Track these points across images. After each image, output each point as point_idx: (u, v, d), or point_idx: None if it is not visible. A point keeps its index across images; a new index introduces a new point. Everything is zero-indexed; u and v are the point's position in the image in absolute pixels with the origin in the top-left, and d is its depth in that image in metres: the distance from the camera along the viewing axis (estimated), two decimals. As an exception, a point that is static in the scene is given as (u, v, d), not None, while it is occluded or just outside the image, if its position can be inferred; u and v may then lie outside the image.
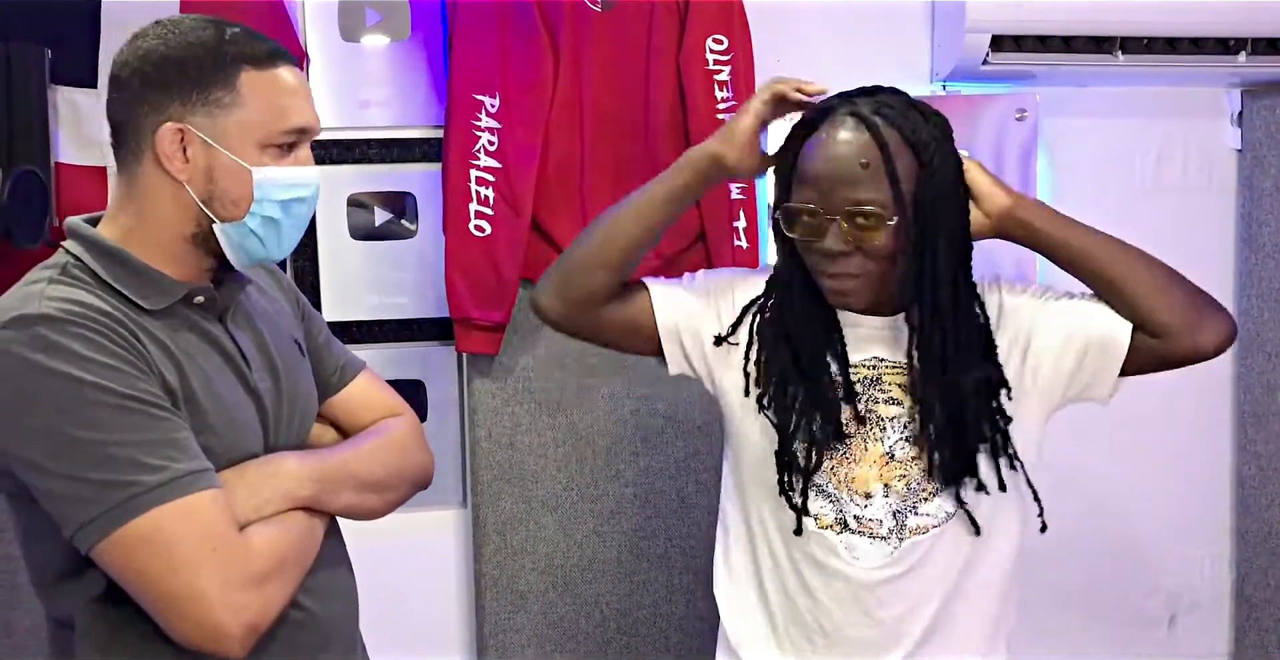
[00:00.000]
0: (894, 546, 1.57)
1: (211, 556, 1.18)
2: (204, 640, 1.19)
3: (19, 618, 2.23)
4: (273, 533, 1.26)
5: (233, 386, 1.32)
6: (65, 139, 2.18)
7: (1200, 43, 2.36)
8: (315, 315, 1.56)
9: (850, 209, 1.46)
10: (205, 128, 1.26)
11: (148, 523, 1.16)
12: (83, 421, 1.16)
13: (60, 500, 1.18)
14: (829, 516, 1.59)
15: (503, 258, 2.22)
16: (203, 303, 1.32)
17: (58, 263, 1.27)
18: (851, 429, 1.57)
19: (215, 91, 1.26)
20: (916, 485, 1.57)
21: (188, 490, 1.18)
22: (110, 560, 1.18)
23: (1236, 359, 2.57)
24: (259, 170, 1.28)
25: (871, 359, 1.59)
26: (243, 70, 1.27)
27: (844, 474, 1.58)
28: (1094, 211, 2.48)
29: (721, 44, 2.28)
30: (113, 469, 1.16)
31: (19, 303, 1.21)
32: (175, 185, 1.27)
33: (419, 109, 2.32)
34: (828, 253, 1.48)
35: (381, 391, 1.58)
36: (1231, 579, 2.62)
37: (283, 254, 1.36)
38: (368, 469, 1.42)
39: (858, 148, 1.47)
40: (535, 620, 2.33)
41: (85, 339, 1.18)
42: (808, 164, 1.49)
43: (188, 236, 1.30)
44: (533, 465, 2.32)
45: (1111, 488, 2.49)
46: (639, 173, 2.28)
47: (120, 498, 1.16)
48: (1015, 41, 2.33)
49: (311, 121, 1.32)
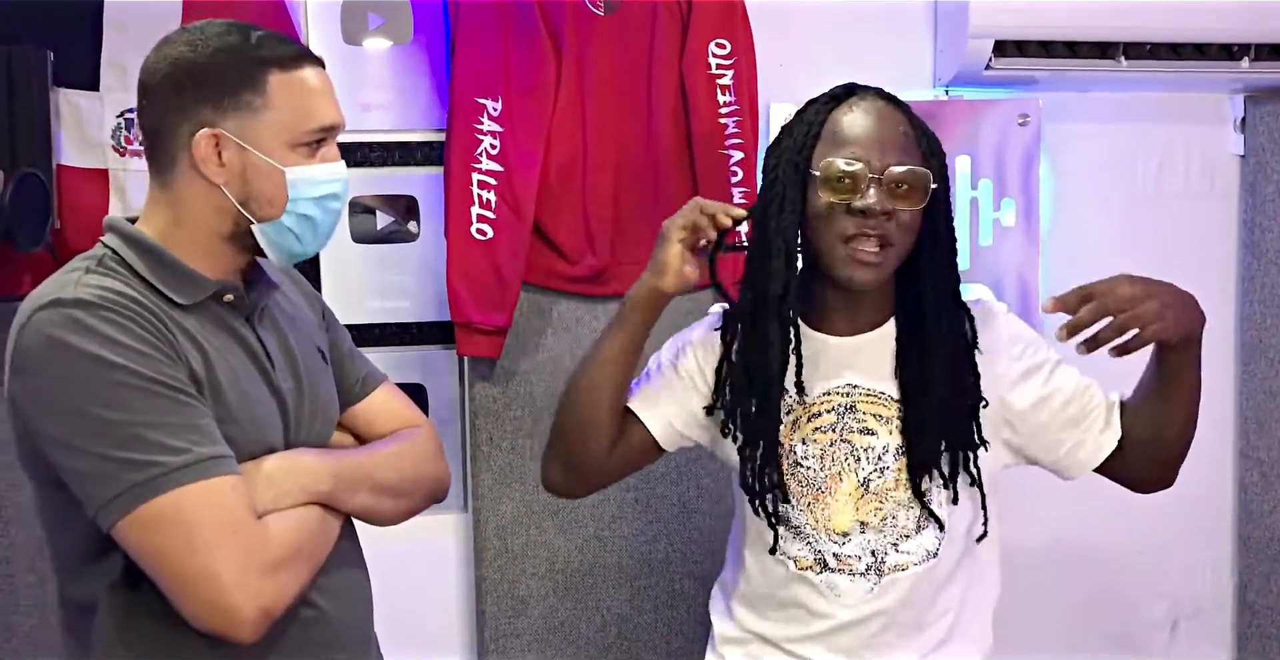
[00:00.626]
0: (873, 583, 1.56)
1: (229, 540, 1.20)
2: (217, 622, 1.20)
3: (19, 622, 2.23)
4: (290, 523, 1.28)
5: (256, 383, 1.35)
6: (67, 141, 2.18)
7: (1203, 48, 2.36)
8: (340, 326, 1.59)
9: (895, 169, 1.46)
10: (238, 131, 1.30)
11: (169, 503, 1.19)
12: (110, 402, 1.19)
13: (85, 478, 1.20)
14: (807, 558, 1.58)
15: (504, 261, 2.21)
16: (232, 301, 1.35)
17: (95, 255, 1.31)
18: (815, 466, 1.56)
19: (245, 95, 1.29)
20: (894, 520, 1.56)
21: (209, 474, 1.21)
22: (130, 539, 1.20)
23: (1239, 364, 2.57)
24: (291, 170, 1.32)
25: (845, 386, 1.57)
26: (271, 73, 1.30)
27: (820, 512, 1.56)
28: (1097, 217, 2.52)
29: (724, 48, 2.28)
30: (137, 449, 1.19)
31: (56, 288, 1.25)
32: (211, 188, 1.31)
33: (421, 112, 2.31)
34: (868, 210, 1.45)
35: (402, 403, 1.60)
36: (1234, 585, 2.61)
37: (320, 248, 1.40)
38: (384, 473, 1.44)
39: (896, 118, 1.49)
40: (536, 624, 2.33)
41: (116, 324, 1.22)
42: (845, 127, 1.49)
43: (225, 235, 1.34)
44: (534, 469, 2.30)
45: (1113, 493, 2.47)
46: (640, 176, 2.29)
47: (143, 477, 1.19)
48: (1018, 46, 2.33)
49: (337, 119, 1.36)
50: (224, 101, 1.29)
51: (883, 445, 1.56)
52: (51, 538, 1.34)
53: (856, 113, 1.49)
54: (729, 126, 2.28)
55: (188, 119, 1.29)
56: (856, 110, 1.49)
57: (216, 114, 1.29)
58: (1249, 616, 2.59)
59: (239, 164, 1.30)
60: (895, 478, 1.56)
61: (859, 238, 1.47)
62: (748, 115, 2.28)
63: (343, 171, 1.37)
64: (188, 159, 1.30)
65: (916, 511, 1.56)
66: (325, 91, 1.35)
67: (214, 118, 1.29)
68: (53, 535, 1.33)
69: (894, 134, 1.48)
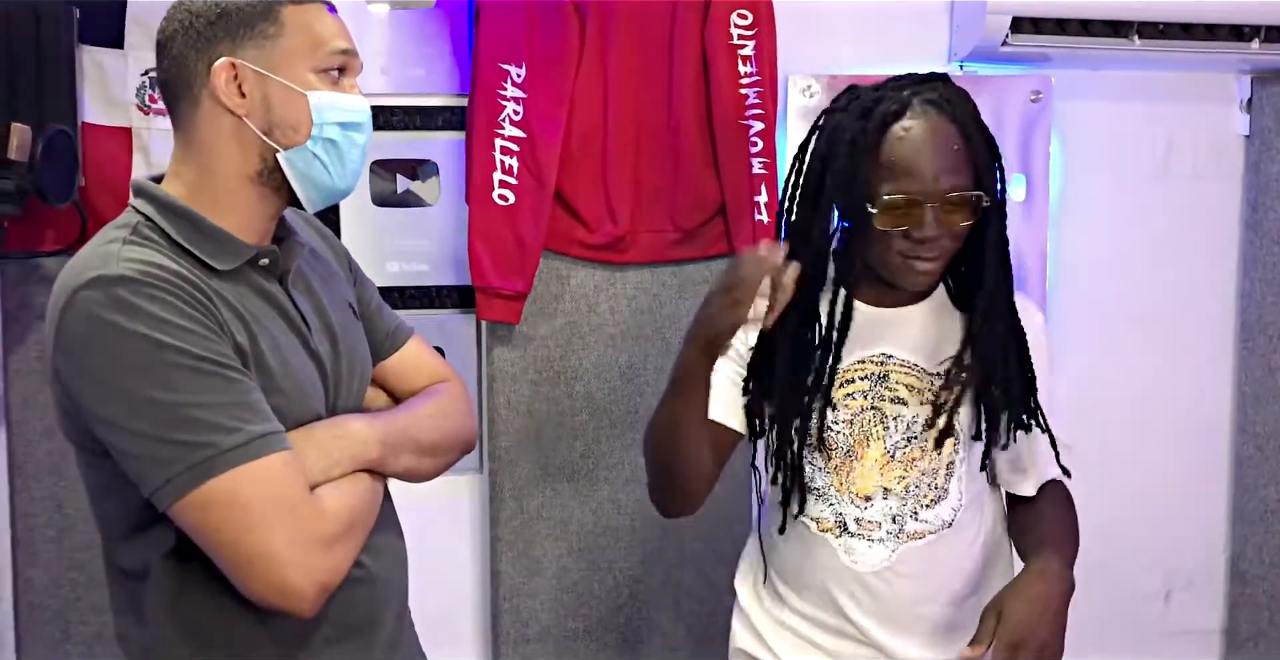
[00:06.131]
0: (891, 549, 1.61)
1: (285, 518, 1.21)
2: (277, 598, 1.21)
3: (37, 575, 2.25)
4: (342, 495, 1.29)
5: (295, 349, 1.34)
6: (91, 99, 2.18)
7: (1214, 29, 2.40)
8: (367, 280, 1.59)
9: (949, 196, 1.48)
10: (256, 59, 1.29)
11: (224, 483, 1.19)
12: (161, 383, 1.18)
13: (139, 459, 1.20)
14: (829, 520, 1.62)
15: (526, 227, 2.24)
16: (267, 265, 1.34)
17: (129, 223, 1.29)
18: (845, 431, 1.60)
19: (260, 25, 1.29)
20: (915, 489, 1.61)
21: (262, 452, 1.21)
22: (187, 519, 1.21)
23: (1239, 340, 2.62)
24: (314, 94, 1.31)
25: (879, 355, 1.61)
26: (284, 5, 1.31)
27: (845, 475, 1.61)
28: (1105, 193, 2.56)
29: (746, 18, 2.30)
30: (191, 430, 1.18)
31: (99, 263, 1.23)
32: (235, 122, 1.30)
33: (442, 77, 2.32)
34: (923, 239, 1.49)
35: (431, 356, 1.60)
36: (1226, 557, 2.68)
37: (347, 184, 1.37)
38: (426, 433, 1.44)
39: (946, 136, 1.50)
40: (549, 584, 2.37)
41: (162, 301, 1.20)
42: (900, 156, 1.49)
43: (252, 175, 1.32)
44: (550, 433, 2.35)
45: (1112, 466, 2.53)
46: (661, 145, 2.32)
47: (198, 458, 1.18)
48: (1034, 24, 2.36)
49: (353, 47, 1.35)
50: (239, 33, 1.28)
51: (912, 415, 1.60)
52: (98, 505, 1.33)
53: (908, 136, 1.49)
54: (749, 97, 2.30)
55: (204, 56, 1.28)
56: (909, 132, 1.49)
57: (234, 45, 1.28)
58: (1240, 586, 2.65)
59: (259, 92, 1.29)
60: (921, 448, 1.60)
61: (916, 258, 1.52)
62: (768, 86, 2.30)
63: (365, 105, 1.36)
64: (208, 95, 1.29)
65: (939, 481, 1.61)
66: (339, 24, 1.35)
67: (232, 49, 1.28)
68: (99, 503, 1.33)
69: (947, 155, 1.49)
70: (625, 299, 2.36)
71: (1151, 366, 2.61)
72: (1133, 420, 2.59)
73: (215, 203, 1.31)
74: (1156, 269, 2.59)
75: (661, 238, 2.35)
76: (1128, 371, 2.59)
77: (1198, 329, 2.63)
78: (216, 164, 1.31)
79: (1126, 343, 2.60)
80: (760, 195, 2.30)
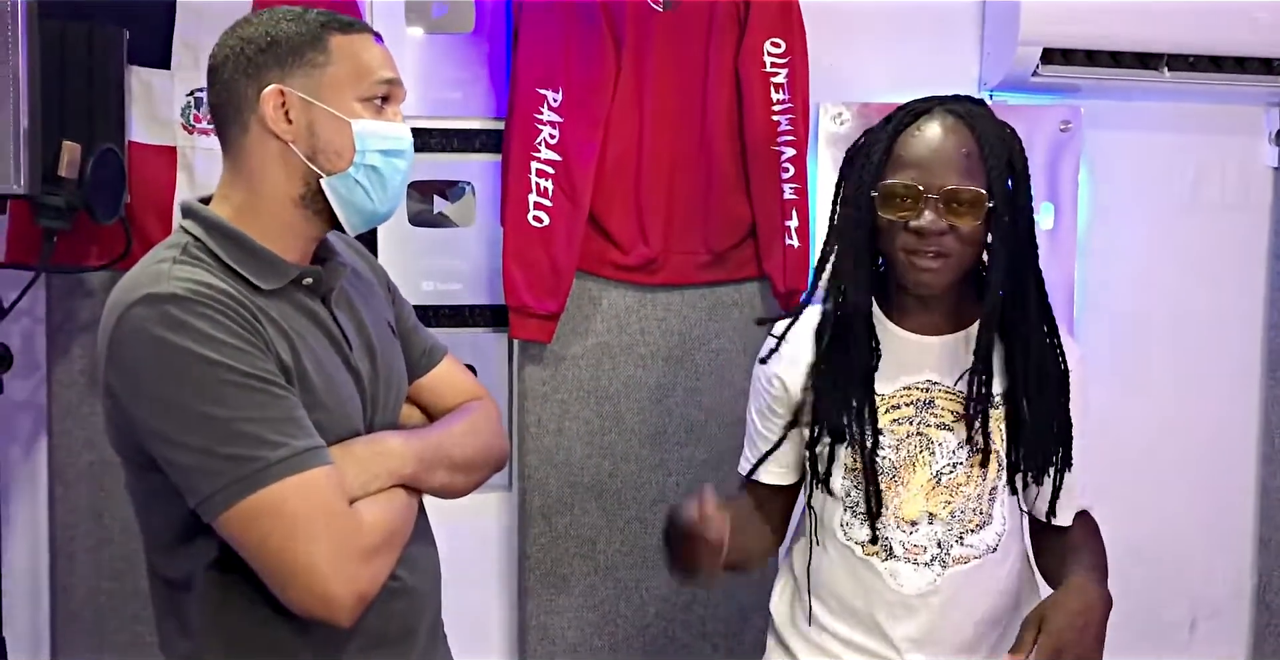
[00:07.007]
0: (937, 574, 1.63)
1: (327, 530, 1.24)
2: (317, 609, 1.25)
3: (75, 583, 2.28)
4: (380, 509, 1.33)
5: (337, 366, 1.38)
6: (138, 118, 2.24)
7: (1244, 62, 2.42)
8: (404, 300, 1.64)
9: (950, 189, 1.52)
10: (303, 87, 1.34)
11: (270, 496, 1.23)
12: (210, 398, 1.23)
13: (187, 472, 1.24)
14: (874, 544, 1.65)
15: (560, 248, 2.27)
16: (310, 284, 1.39)
17: (179, 243, 1.34)
18: (891, 456, 1.63)
19: (309, 53, 1.34)
20: (961, 514, 1.63)
21: (306, 466, 1.25)
22: (232, 530, 1.25)
23: (1265, 370, 2.63)
24: (358, 122, 1.35)
25: (925, 382, 1.64)
26: (333, 35, 1.36)
27: (891, 499, 1.63)
28: (1133, 224, 2.57)
29: (779, 47, 2.33)
30: (238, 444, 1.22)
31: (149, 281, 1.27)
32: (281, 147, 1.34)
33: (479, 101, 2.37)
34: (922, 231, 1.53)
35: (464, 376, 1.65)
36: (1252, 586, 2.67)
37: (388, 208, 1.41)
38: (460, 451, 1.48)
39: (959, 139, 1.55)
40: (577, 603, 2.39)
41: (211, 319, 1.25)
42: (908, 149, 1.55)
43: (296, 198, 1.36)
44: (579, 451, 2.38)
45: (1139, 494, 2.54)
46: (694, 170, 2.35)
47: (245, 471, 1.22)
48: (1064, 55, 2.39)
49: (398, 76, 1.40)
50: (288, 61, 1.33)
51: (957, 441, 1.62)
52: (143, 516, 1.38)
53: (921, 134, 1.56)
54: (781, 123, 2.33)
55: (254, 82, 1.33)
56: (923, 131, 1.56)
57: (283, 74, 1.33)
58: (1266, 616, 2.65)
59: (305, 118, 1.33)
60: (966, 473, 1.62)
61: (918, 253, 1.55)
62: (800, 113, 2.33)
63: (407, 132, 1.40)
64: (256, 120, 1.33)
65: (983, 506, 1.63)
66: (385, 54, 1.40)
67: (281, 77, 1.33)
68: (145, 514, 1.38)
69: (954, 155, 1.54)
70: (656, 320, 2.39)
71: (1178, 396, 2.62)
72: (1159, 449, 2.60)
73: (261, 224, 1.36)
74: (1184, 299, 2.60)
75: (693, 260, 2.39)
76: (1155, 400, 2.60)
77: (1225, 359, 2.64)
78: (263, 187, 1.36)
79: (1153, 372, 2.61)
80: (791, 220, 2.33)
